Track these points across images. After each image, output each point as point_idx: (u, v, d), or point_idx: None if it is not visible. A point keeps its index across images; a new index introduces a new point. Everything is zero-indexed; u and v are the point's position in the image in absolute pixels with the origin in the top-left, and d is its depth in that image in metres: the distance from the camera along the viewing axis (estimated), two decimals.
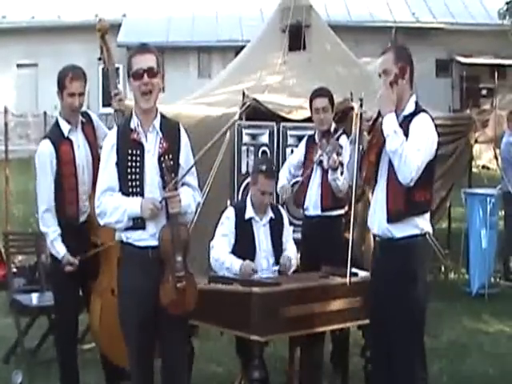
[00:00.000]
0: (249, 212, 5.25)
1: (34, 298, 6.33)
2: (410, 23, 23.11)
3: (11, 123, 13.23)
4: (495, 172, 12.09)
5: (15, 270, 7.72)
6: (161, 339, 4.00)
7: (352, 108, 7.23)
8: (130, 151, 3.91)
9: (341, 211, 5.82)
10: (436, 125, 4.16)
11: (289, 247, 5.38)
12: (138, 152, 3.92)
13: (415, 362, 4.23)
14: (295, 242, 5.55)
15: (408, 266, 4.13)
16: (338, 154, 5.50)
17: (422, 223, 4.17)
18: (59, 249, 4.90)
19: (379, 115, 4.18)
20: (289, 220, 5.59)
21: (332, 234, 5.72)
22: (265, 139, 7.89)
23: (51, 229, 4.91)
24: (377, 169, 4.23)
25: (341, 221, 5.84)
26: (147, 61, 3.91)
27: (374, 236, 4.35)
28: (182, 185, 4.01)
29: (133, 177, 3.90)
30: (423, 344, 4.66)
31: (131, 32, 21.67)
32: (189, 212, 4.02)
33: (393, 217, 4.13)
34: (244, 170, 7.84)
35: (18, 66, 23.58)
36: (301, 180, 5.91)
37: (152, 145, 3.95)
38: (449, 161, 8.86)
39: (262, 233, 5.27)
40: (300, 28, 9.36)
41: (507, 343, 6.77)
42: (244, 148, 7.87)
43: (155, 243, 3.91)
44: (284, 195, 5.89)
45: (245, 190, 7.68)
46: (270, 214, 5.31)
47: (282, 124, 7.92)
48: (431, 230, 4.25)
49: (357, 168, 4.25)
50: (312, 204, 5.85)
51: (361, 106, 4.33)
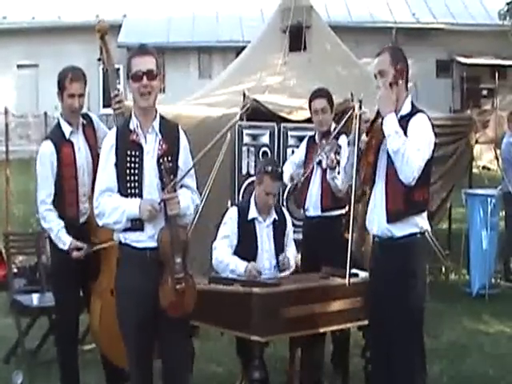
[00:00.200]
0: (252, 212, 5.25)
1: (35, 299, 6.33)
2: (411, 24, 23.11)
3: (12, 124, 13.18)
4: (496, 172, 12.09)
5: (16, 271, 7.73)
6: (161, 340, 4.00)
7: (353, 108, 7.23)
8: (129, 152, 3.90)
9: (341, 211, 5.82)
10: (436, 125, 4.19)
11: (289, 249, 5.39)
12: (137, 153, 3.91)
13: (415, 362, 4.23)
14: (296, 243, 5.55)
15: (408, 265, 4.15)
16: (336, 154, 5.50)
17: (422, 222, 4.21)
18: (65, 239, 4.89)
19: (377, 116, 4.20)
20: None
21: (332, 235, 5.71)
22: (265, 140, 7.89)
23: (54, 222, 4.91)
24: (374, 169, 4.25)
25: (341, 221, 5.84)
26: (147, 63, 3.90)
27: (373, 236, 4.35)
28: (181, 187, 4.00)
29: (131, 178, 3.90)
30: (423, 344, 4.66)
31: (132, 32, 21.67)
32: (187, 214, 4.02)
33: (392, 217, 4.15)
34: (244, 171, 7.83)
35: (19, 67, 23.57)
36: (301, 180, 5.91)
37: (151, 146, 3.94)
38: (449, 161, 8.86)
39: (265, 234, 5.27)
40: (300, 29, 9.36)
41: (507, 344, 6.77)
42: (244, 148, 7.86)
43: (153, 244, 3.90)
44: (295, 179, 5.84)
45: (245, 191, 7.67)
46: (274, 216, 5.31)
47: (283, 125, 7.92)
48: (430, 228, 4.27)
49: (356, 169, 4.26)
50: (312, 204, 5.85)
51: (360, 108, 4.33)
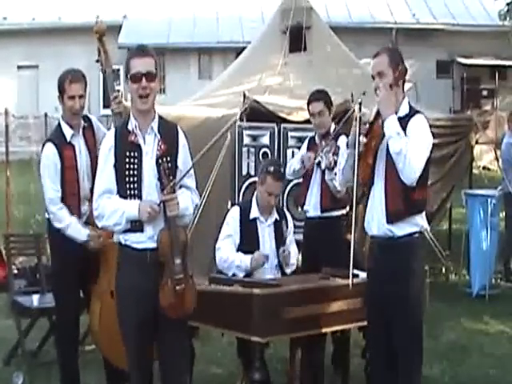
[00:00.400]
0: (254, 212, 5.26)
1: (35, 300, 6.32)
2: (411, 24, 23.09)
3: (12, 125, 13.20)
4: (496, 173, 12.10)
5: (16, 272, 7.71)
6: (159, 341, 3.99)
7: (352, 110, 7.22)
8: (128, 153, 3.90)
9: (341, 212, 5.82)
10: (437, 126, 4.21)
11: (291, 250, 5.38)
12: (136, 154, 3.90)
13: (414, 362, 4.23)
14: (296, 243, 5.55)
15: (408, 264, 4.17)
16: (335, 154, 5.50)
17: (421, 221, 4.23)
18: (83, 232, 4.90)
19: (376, 118, 4.20)
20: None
21: (332, 235, 5.72)
22: (265, 140, 7.88)
23: (70, 218, 4.90)
24: (373, 170, 4.25)
25: (341, 222, 5.84)
26: (146, 64, 3.89)
27: (372, 237, 4.33)
28: (180, 187, 3.99)
29: (131, 179, 3.89)
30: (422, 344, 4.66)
31: (132, 33, 21.66)
32: (187, 214, 4.01)
33: (393, 217, 4.16)
34: (245, 172, 7.83)
35: (19, 68, 23.56)
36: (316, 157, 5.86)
37: (150, 147, 3.93)
38: (449, 162, 8.85)
39: (267, 233, 5.28)
40: (301, 29, 9.34)
41: (508, 344, 6.76)
42: (245, 149, 7.85)
43: (153, 245, 3.90)
44: (307, 164, 5.77)
45: (246, 191, 7.67)
46: (275, 216, 5.31)
47: (283, 125, 7.92)
48: (428, 228, 4.27)
49: (357, 170, 4.25)
50: (312, 205, 5.85)
51: (360, 110, 4.32)
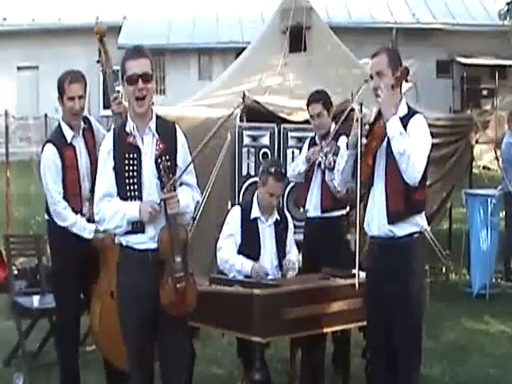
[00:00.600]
0: (255, 212, 5.26)
1: (35, 301, 6.32)
2: (411, 24, 23.08)
3: (12, 126, 13.19)
4: (496, 172, 12.09)
5: (16, 273, 7.71)
6: (159, 341, 3.99)
7: (352, 109, 7.22)
8: (127, 155, 3.89)
9: (341, 212, 5.83)
10: (437, 125, 4.20)
11: (292, 251, 5.39)
12: (135, 155, 3.90)
13: (413, 361, 4.23)
14: (296, 244, 5.56)
15: (409, 263, 4.17)
16: (335, 155, 5.50)
17: (421, 221, 4.24)
18: (90, 226, 4.91)
19: (376, 119, 4.19)
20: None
21: (332, 235, 5.72)
22: (265, 141, 7.88)
23: (74, 216, 4.92)
24: (372, 171, 4.25)
25: (341, 222, 5.85)
26: (142, 66, 3.88)
27: (372, 237, 4.33)
28: (181, 184, 3.99)
29: (131, 181, 3.89)
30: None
31: (132, 34, 21.65)
32: (188, 212, 4.01)
33: (394, 217, 4.15)
34: (245, 172, 7.83)
35: (19, 69, 23.55)
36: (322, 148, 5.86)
37: (148, 147, 3.93)
38: (449, 161, 8.86)
39: (267, 233, 5.28)
40: (300, 29, 9.35)
41: (508, 344, 6.76)
42: (245, 149, 7.86)
43: (155, 246, 3.90)
44: (314, 157, 5.75)
45: (246, 192, 7.67)
46: (276, 216, 5.32)
47: (283, 125, 7.92)
48: (428, 227, 4.26)
49: (359, 171, 4.25)
50: (312, 205, 5.85)
51: (360, 111, 4.31)
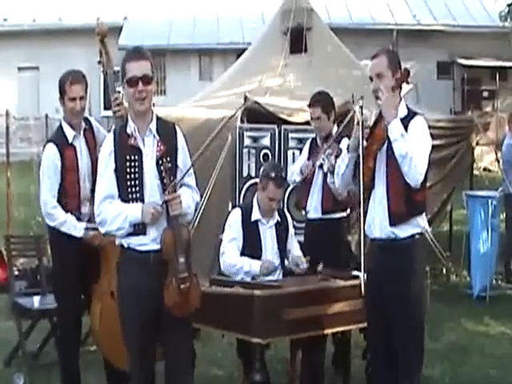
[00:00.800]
0: (255, 214, 5.27)
1: (36, 301, 6.32)
2: (411, 25, 23.08)
3: (13, 126, 13.19)
4: (496, 174, 12.08)
5: (17, 273, 7.71)
6: (163, 342, 3.99)
7: (353, 111, 7.21)
8: (128, 157, 3.90)
9: (342, 214, 5.83)
10: (437, 127, 4.20)
11: (294, 246, 5.41)
12: (136, 157, 3.91)
13: (414, 362, 4.23)
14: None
15: (409, 264, 4.17)
16: (337, 158, 5.49)
17: (422, 222, 4.25)
18: (79, 225, 4.91)
19: (377, 121, 4.19)
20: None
21: (333, 237, 5.73)
22: (266, 142, 7.88)
23: (63, 215, 4.91)
24: (373, 173, 4.25)
25: (342, 224, 5.85)
26: (142, 68, 3.88)
27: (373, 239, 4.33)
28: (181, 186, 4.00)
29: (132, 183, 3.89)
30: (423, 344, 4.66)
31: (132, 35, 21.67)
32: (189, 212, 4.03)
33: (395, 219, 4.16)
34: (245, 173, 7.83)
35: (20, 69, 23.56)
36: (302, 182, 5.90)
37: (149, 149, 3.94)
38: (450, 163, 8.85)
39: (268, 235, 5.29)
40: (301, 31, 9.34)
41: (508, 345, 6.76)
42: (245, 151, 7.86)
43: (156, 247, 3.90)
44: (306, 171, 5.81)
45: (246, 193, 7.67)
46: (277, 218, 5.33)
47: (284, 127, 7.92)
48: (429, 228, 4.27)
49: (362, 174, 4.24)
50: (313, 207, 5.86)
51: (361, 114, 4.30)
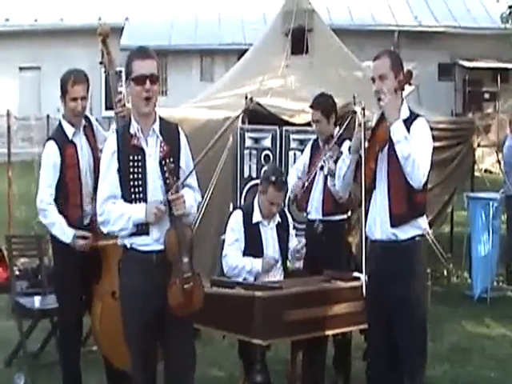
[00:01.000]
0: (256, 216, 5.28)
1: (37, 301, 6.32)
2: (413, 27, 23.05)
3: (14, 126, 13.20)
4: (498, 176, 12.08)
5: (18, 273, 7.72)
6: (165, 341, 3.99)
7: (353, 111, 7.21)
8: (132, 157, 3.90)
9: (342, 216, 5.83)
10: (438, 129, 4.20)
11: (292, 242, 5.45)
12: (140, 157, 3.91)
13: (416, 362, 4.23)
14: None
15: (410, 265, 4.18)
16: (336, 161, 5.47)
17: (423, 224, 4.25)
18: (68, 231, 4.90)
19: (379, 122, 4.19)
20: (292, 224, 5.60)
21: (334, 239, 5.72)
22: (267, 143, 7.89)
23: (56, 216, 4.91)
24: (374, 175, 4.25)
25: (343, 225, 5.84)
26: (149, 67, 3.89)
27: (374, 241, 4.32)
28: (183, 186, 4.00)
29: (135, 183, 3.90)
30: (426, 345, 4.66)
31: (134, 35, 21.64)
32: (192, 213, 4.04)
33: (397, 220, 4.16)
34: (246, 174, 7.84)
35: (21, 69, 23.54)
36: (305, 184, 5.90)
37: (153, 149, 3.94)
38: (451, 165, 8.85)
39: (269, 236, 5.31)
40: (302, 31, 9.34)
41: (509, 347, 6.76)
42: (246, 152, 7.86)
43: (159, 248, 3.91)
44: (296, 190, 5.85)
45: (247, 194, 7.68)
46: (278, 219, 5.34)
47: (285, 128, 7.92)
48: (430, 230, 4.27)
49: (364, 176, 4.24)
50: (314, 209, 5.86)
51: (363, 116, 4.30)
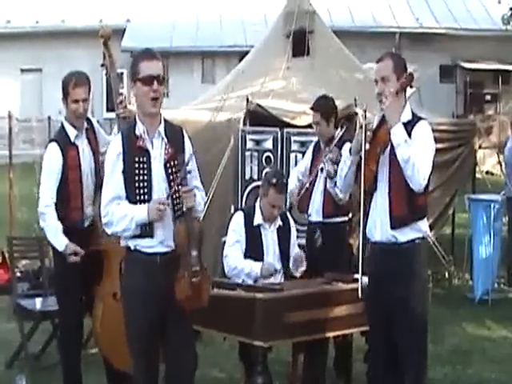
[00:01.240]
0: (257, 219, 5.28)
1: (38, 303, 6.32)
2: (414, 28, 23.05)
3: (15, 128, 13.23)
4: (499, 177, 12.06)
5: (19, 275, 7.71)
6: (167, 342, 3.99)
7: (354, 113, 7.22)
8: (137, 159, 3.92)
9: (343, 218, 5.83)
10: (440, 130, 4.20)
11: (294, 250, 5.42)
12: (145, 159, 3.93)
13: (417, 364, 4.23)
14: (299, 248, 5.55)
15: (411, 266, 4.17)
16: (335, 164, 5.47)
17: (424, 227, 4.25)
18: (62, 240, 4.86)
19: (380, 124, 4.19)
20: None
21: (334, 241, 5.73)
22: (269, 145, 7.88)
23: (53, 221, 4.88)
24: (375, 176, 4.25)
25: (343, 228, 5.84)
26: (156, 68, 3.92)
27: (374, 243, 4.32)
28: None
29: (140, 184, 3.91)
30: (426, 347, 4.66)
31: (135, 37, 21.65)
32: (199, 210, 4.07)
33: (397, 223, 4.16)
34: (248, 176, 7.84)
35: (22, 71, 23.55)
36: (306, 186, 5.91)
37: (158, 151, 3.96)
38: (452, 167, 8.84)
39: (270, 238, 5.31)
40: (304, 33, 9.34)
41: (510, 349, 6.75)
42: (248, 153, 7.86)
43: (164, 250, 3.93)
44: (291, 198, 5.89)
45: (249, 195, 7.68)
46: (279, 222, 5.34)
47: (286, 130, 7.91)
48: (430, 232, 4.27)
49: (363, 177, 4.24)
50: (314, 210, 5.86)
51: (365, 117, 4.30)
